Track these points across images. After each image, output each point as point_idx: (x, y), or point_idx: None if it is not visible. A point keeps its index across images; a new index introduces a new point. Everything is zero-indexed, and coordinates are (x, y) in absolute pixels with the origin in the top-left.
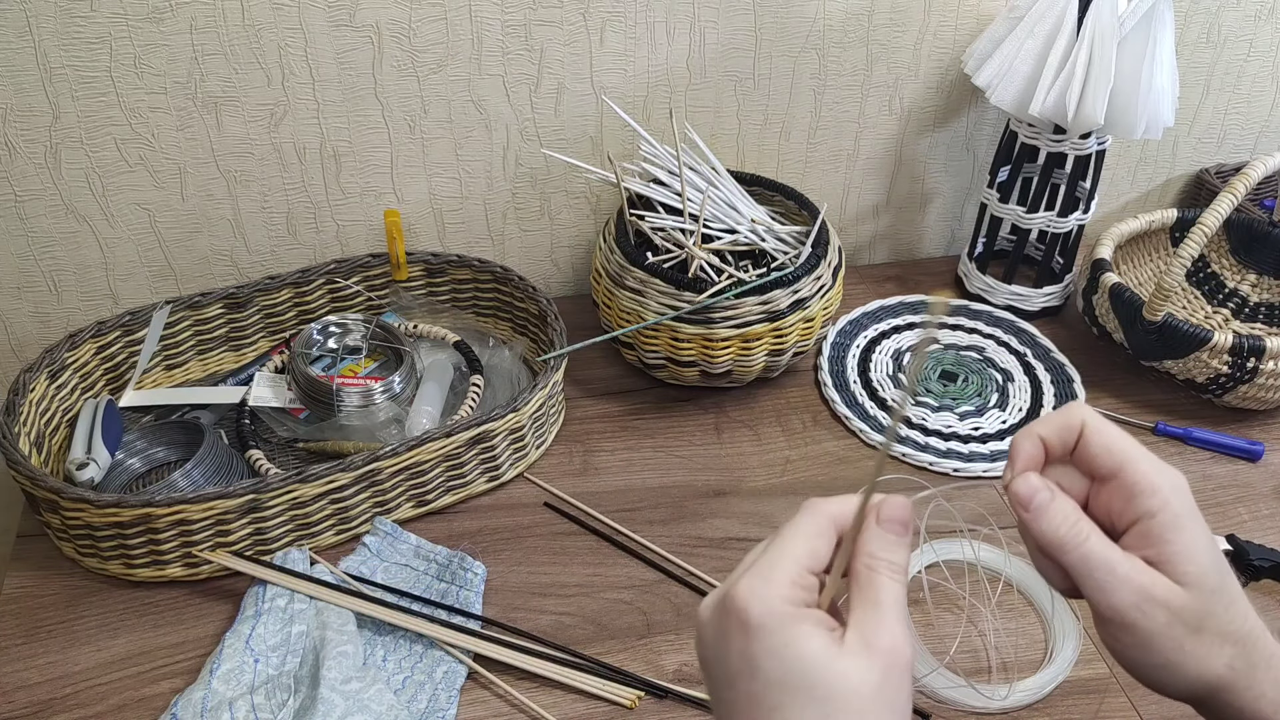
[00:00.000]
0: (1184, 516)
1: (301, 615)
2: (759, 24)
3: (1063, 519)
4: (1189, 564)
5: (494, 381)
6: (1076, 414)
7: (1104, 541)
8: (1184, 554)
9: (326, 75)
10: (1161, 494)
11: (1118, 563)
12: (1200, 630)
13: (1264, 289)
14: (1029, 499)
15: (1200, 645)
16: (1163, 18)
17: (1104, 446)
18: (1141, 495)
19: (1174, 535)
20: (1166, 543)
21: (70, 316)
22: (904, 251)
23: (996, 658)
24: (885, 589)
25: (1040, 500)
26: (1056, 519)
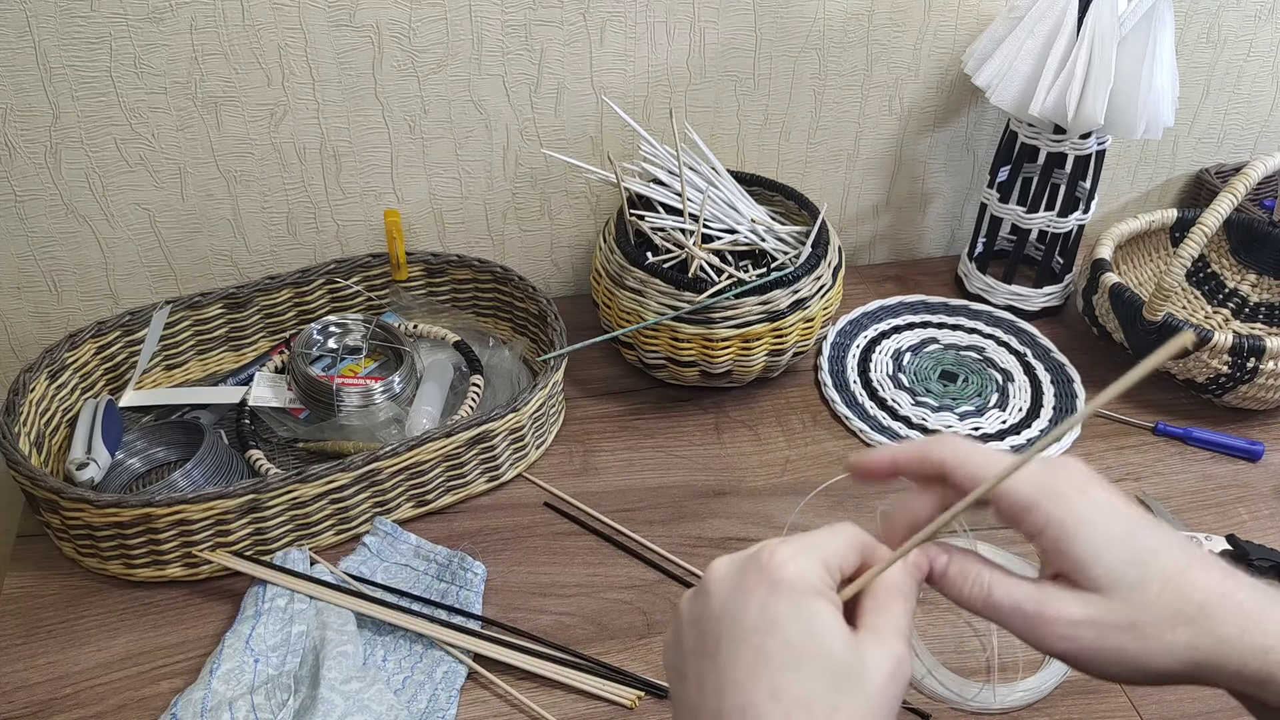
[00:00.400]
0: (1070, 522)
1: (301, 615)
2: (759, 24)
3: (961, 577)
4: (1094, 569)
5: (494, 381)
6: (935, 451)
7: (1008, 585)
8: (1085, 560)
9: (326, 75)
10: (1039, 508)
11: (1024, 600)
12: (1138, 627)
13: (1264, 289)
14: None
15: (1145, 640)
16: (1163, 18)
17: (966, 479)
18: (1022, 515)
19: (1067, 545)
20: (1063, 555)
21: (70, 316)
22: (904, 251)
23: (996, 658)
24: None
25: (940, 564)
26: (957, 580)
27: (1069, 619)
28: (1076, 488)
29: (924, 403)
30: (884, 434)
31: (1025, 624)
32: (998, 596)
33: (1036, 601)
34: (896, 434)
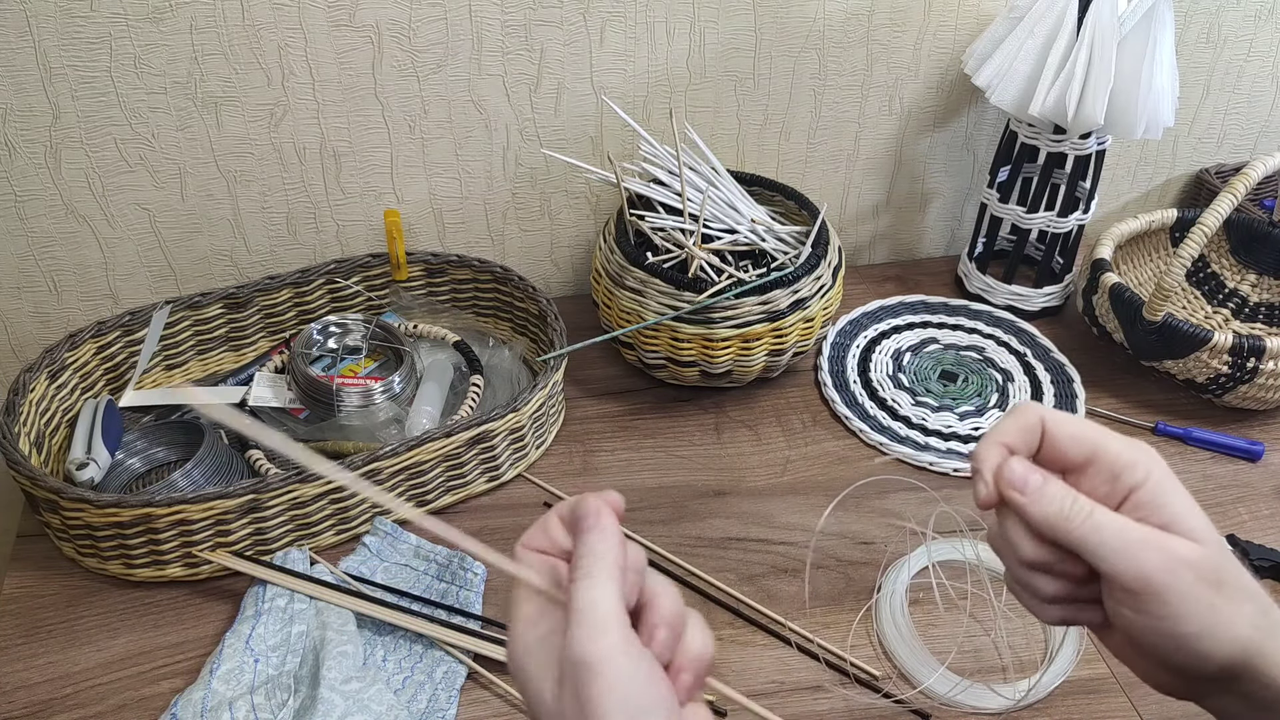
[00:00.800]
0: (1170, 479)
1: (301, 615)
2: (759, 24)
3: (1063, 496)
4: (1193, 519)
5: (494, 381)
6: (1033, 413)
7: (1110, 511)
8: (1185, 513)
9: (326, 75)
10: (1143, 464)
11: (1133, 528)
12: (1222, 585)
13: (1264, 289)
14: (1024, 482)
15: (1228, 603)
16: (1163, 18)
17: (1071, 436)
18: (1125, 470)
19: (1169, 498)
20: (1164, 506)
21: (70, 316)
22: (904, 251)
23: (996, 658)
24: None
25: (1035, 482)
26: (1057, 497)
27: (1178, 554)
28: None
29: (924, 403)
30: (884, 434)
31: (1128, 549)
32: (1102, 518)
33: (1146, 531)
34: (896, 434)
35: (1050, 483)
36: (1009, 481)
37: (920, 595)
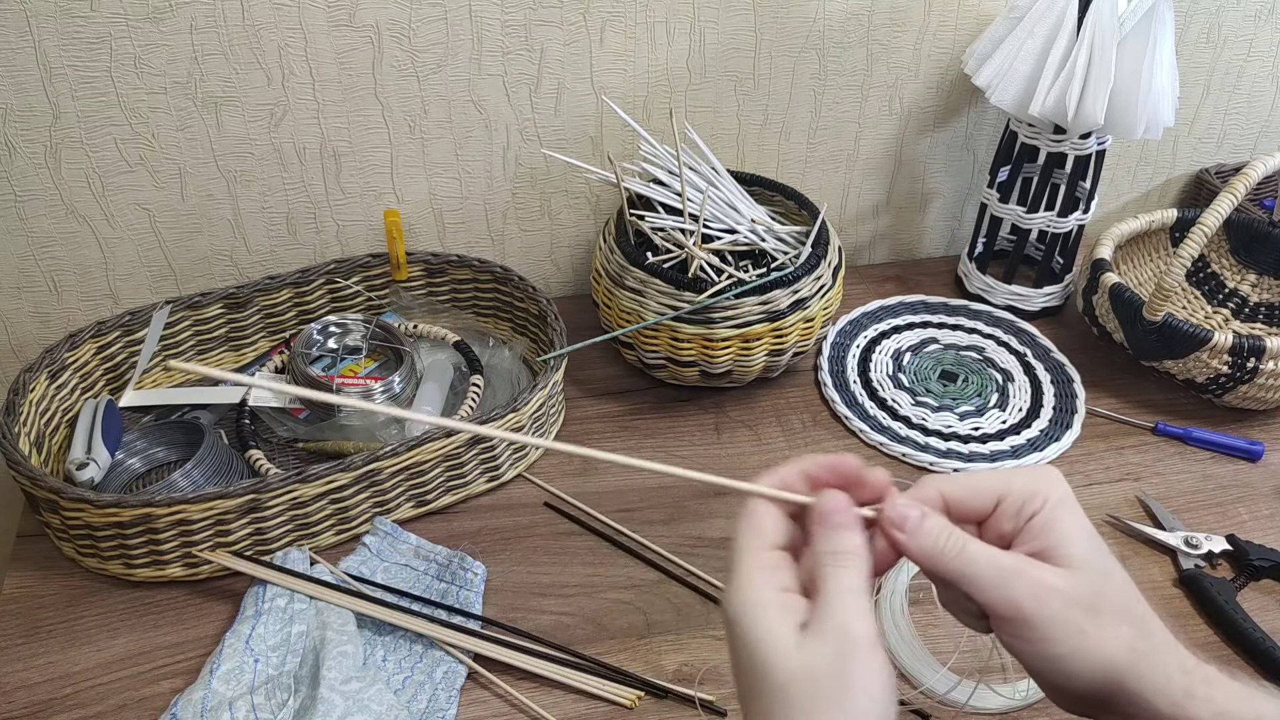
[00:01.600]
0: (1061, 506)
1: (301, 615)
2: (759, 24)
3: (938, 531)
4: (1072, 547)
5: (494, 381)
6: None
7: (983, 544)
8: (1066, 539)
9: (326, 75)
10: (1041, 493)
11: (1004, 558)
12: (1097, 611)
13: (1264, 289)
14: (902, 519)
15: (1101, 626)
16: (1163, 18)
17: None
18: (1026, 502)
19: (1054, 525)
20: (1048, 533)
21: (70, 316)
22: (904, 251)
23: (997, 658)
24: (830, 578)
25: (913, 518)
26: (932, 533)
27: (1047, 582)
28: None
29: (924, 403)
30: (884, 434)
31: (998, 578)
32: (974, 550)
33: (1017, 559)
34: (896, 434)
35: (928, 519)
36: (888, 520)
37: (920, 595)
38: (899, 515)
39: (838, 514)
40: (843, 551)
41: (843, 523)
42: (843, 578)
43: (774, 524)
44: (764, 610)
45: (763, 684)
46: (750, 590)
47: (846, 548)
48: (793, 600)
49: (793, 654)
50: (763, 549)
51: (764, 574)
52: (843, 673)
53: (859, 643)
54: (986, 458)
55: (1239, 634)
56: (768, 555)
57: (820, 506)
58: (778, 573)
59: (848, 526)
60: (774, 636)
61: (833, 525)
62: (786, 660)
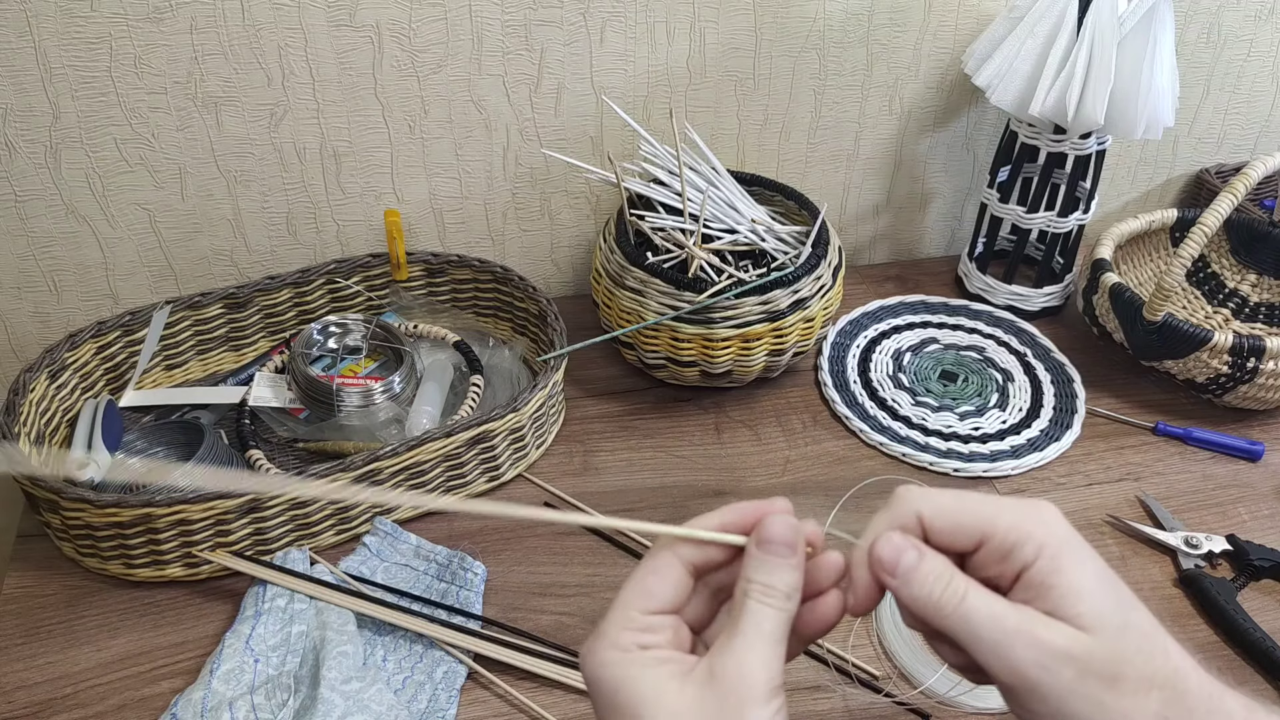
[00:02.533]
0: (1064, 555)
1: (301, 615)
2: (759, 24)
3: (935, 578)
4: (1081, 604)
5: (494, 381)
6: (909, 506)
7: (986, 596)
8: (1073, 595)
9: (326, 75)
10: (1035, 540)
11: (1005, 616)
12: (1117, 680)
13: (1264, 289)
14: (894, 562)
15: (1122, 698)
16: (1163, 18)
17: (954, 525)
18: (1014, 549)
19: (1057, 578)
20: (1051, 587)
21: (70, 316)
22: (904, 251)
23: None
24: (749, 612)
25: (907, 562)
26: (929, 579)
27: (1055, 648)
28: (1063, 526)
29: (924, 403)
30: (884, 434)
31: (1001, 638)
32: (973, 604)
33: (1021, 618)
34: (896, 434)
35: (924, 562)
36: (879, 563)
37: None
38: (891, 555)
39: (783, 544)
40: (774, 588)
41: (785, 555)
42: (763, 617)
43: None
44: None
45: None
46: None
47: (779, 585)
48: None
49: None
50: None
51: (632, 633)
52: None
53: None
54: (986, 458)
55: (1239, 634)
56: (643, 618)
57: (766, 529)
58: (651, 634)
59: (790, 563)
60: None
61: (772, 553)
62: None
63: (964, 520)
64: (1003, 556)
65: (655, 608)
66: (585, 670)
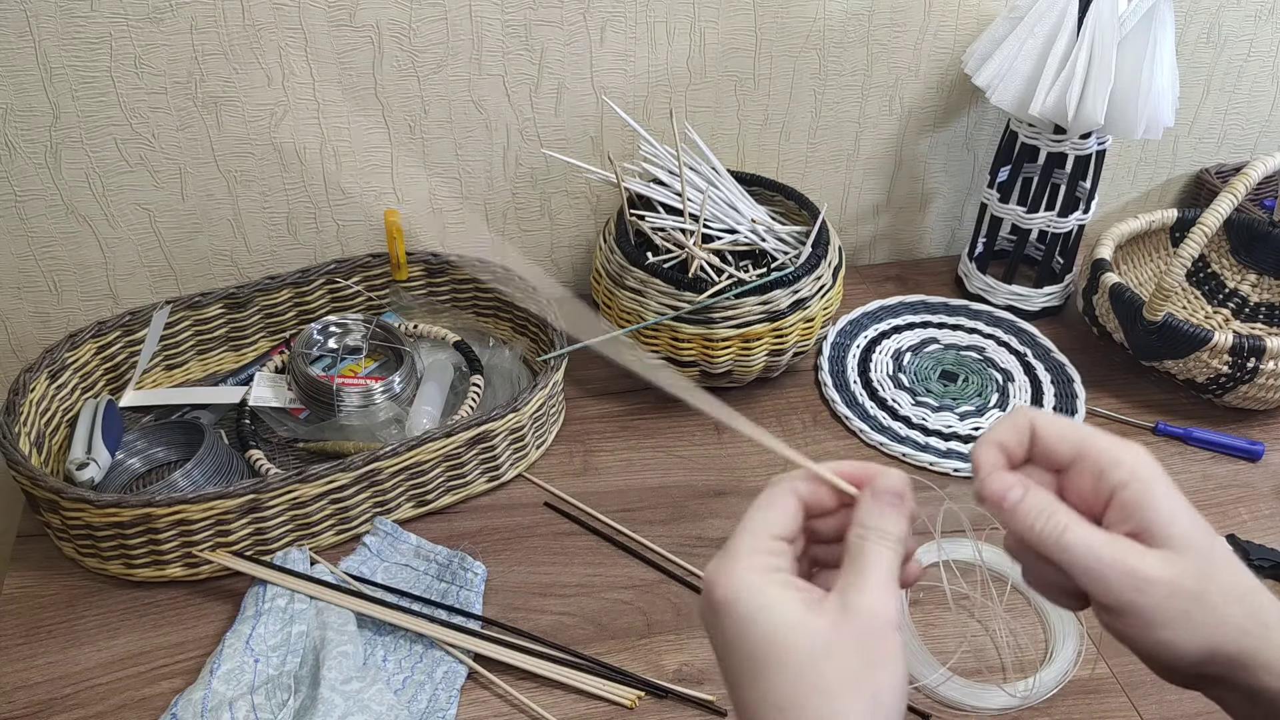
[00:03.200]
0: (1154, 481)
1: (301, 615)
2: (759, 24)
3: (1037, 513)
4: (1173, 526)
5: (494, 381)
6: (1023, 415)
7: (1084, 528)
8: (1165, 518)
9: (326, 75)
10: (1126, 464)
11: (1101, 546)
12: (1203, 595)
13: (1264, 289)
14: (1002, 496)
15: (1208, 610)
16: (1163, 18)
17: (1058, 436)
18: (1107, 470)
19: (1150, 500)
20: (1144, 508)
21: (70, 316)
22: (904, 251)
23: (997, 658)
24: (870, 554)
25: (1014, 496)
26: (1031, 513)
27: (1147, 572)
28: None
29: (924, 403)
30: (884, 434)
31: (1098, 567)
32: (1072, 537)
33: (1116, 549)
34: (896, 434)
35: (1028, 496)
36: (988, 495)
37: (920, 595)
38: (999, 490)
39: (898, 494)
40: (890, 532)
41: (898, 505)
42: (882, 558)
43: (785, 516)
44: (770, 587)
45: (772, 664)
46: (749, 571)
47: (894, 530)
48: (797, 581)
49: (811, 631)
50: (767, 534)
51: (764, 556)
52: (870, 654)
53: (888, 625)
54: None
55: None
56: (770, 541)
57: (883, 480)
58: (778, 558)
59: (902, 511)
60: (786, 613)
61: (887, 503)
62: (805, 638)
63: (1066, 434)
64: (1098, 473)
65: (779, 533)
66: (719, 591)
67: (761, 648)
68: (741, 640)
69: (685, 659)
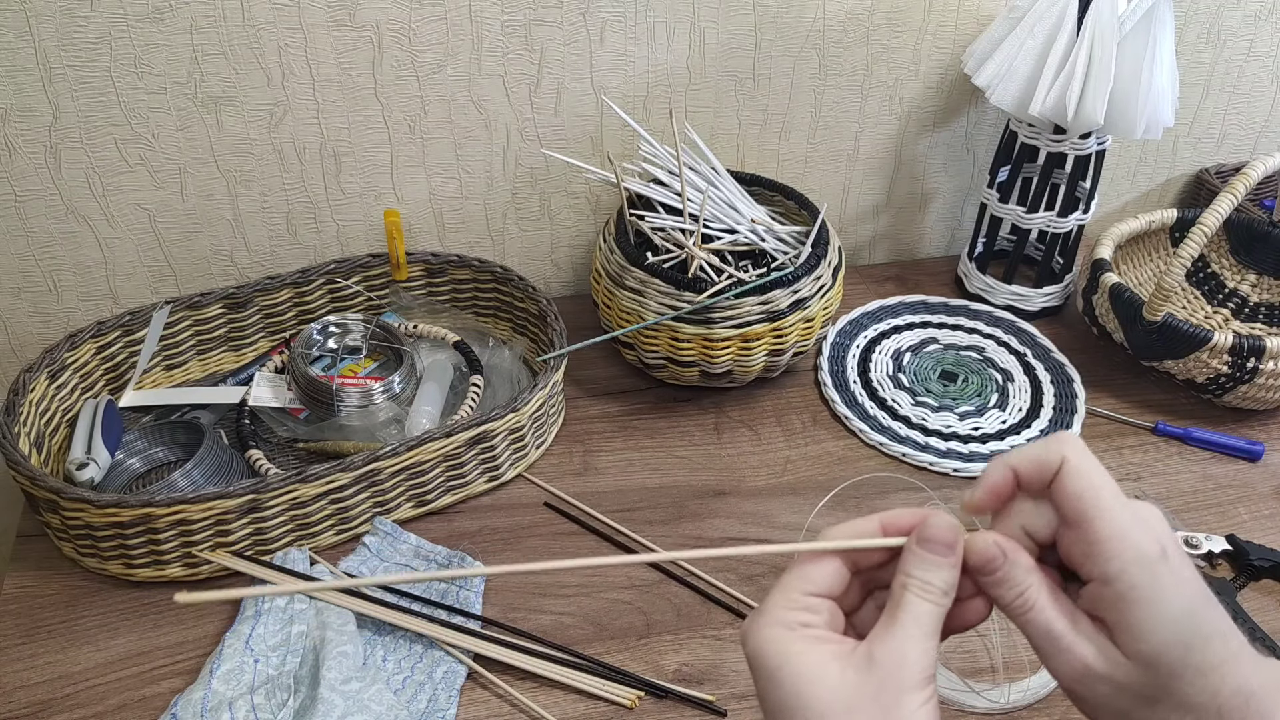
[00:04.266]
0: (1142, 588)
1: (301, 615)
2: (759, 24)
3: (1009, 587)
4: (1141, 643)
5: (494, 381)
6: (1057, 450)
7: (1050, 611)
8: (1136, 630)
9: (326, 75)
10: (1119, 560)
11: (1060, 635)
12: (1153, 701)
13: (1264, 289)
14: (984, 566)
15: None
16: (1163, 18)
17: (1074, 493)
18: (1099, 558)
19: (1127, 609)
20: (1119, 614)
21: (70, 316)
22: (904, 251)
23: (996, 658)
24: (907, 604)
25: (995, 567)
26: (1004, 584)
27: (1095, 672)
28: (1159, 551)
29: (924, 403)
30: (884, 434)
31: (1052, 651)
32: (1034, 619)
33: (1073, 642)
34: (896, 434)
35: (1008, 567)
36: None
37: None
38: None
39: (943, 544)
40: (932, 585)
41: (944, 555)
42: (921, 611)
43: (822, 574)
44: (796, 642)
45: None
46: (774, 626)
47: (937, 582)
48: (826, 634)
49: (832, 685)
50: (799, 591)
51: (794, 612)
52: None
53: (913, 678)
54: (987, 458)
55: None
56: (803, 598)
57: (928, 529)
58: (811, 614)
59: (949, 562)
60: (807, 666)
61: (934, 551)
62: (824, 691)
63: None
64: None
65: (814, 591)
66: (748, 645)
67: (785, 701)
68: (769, 693)
69: (685, 659)
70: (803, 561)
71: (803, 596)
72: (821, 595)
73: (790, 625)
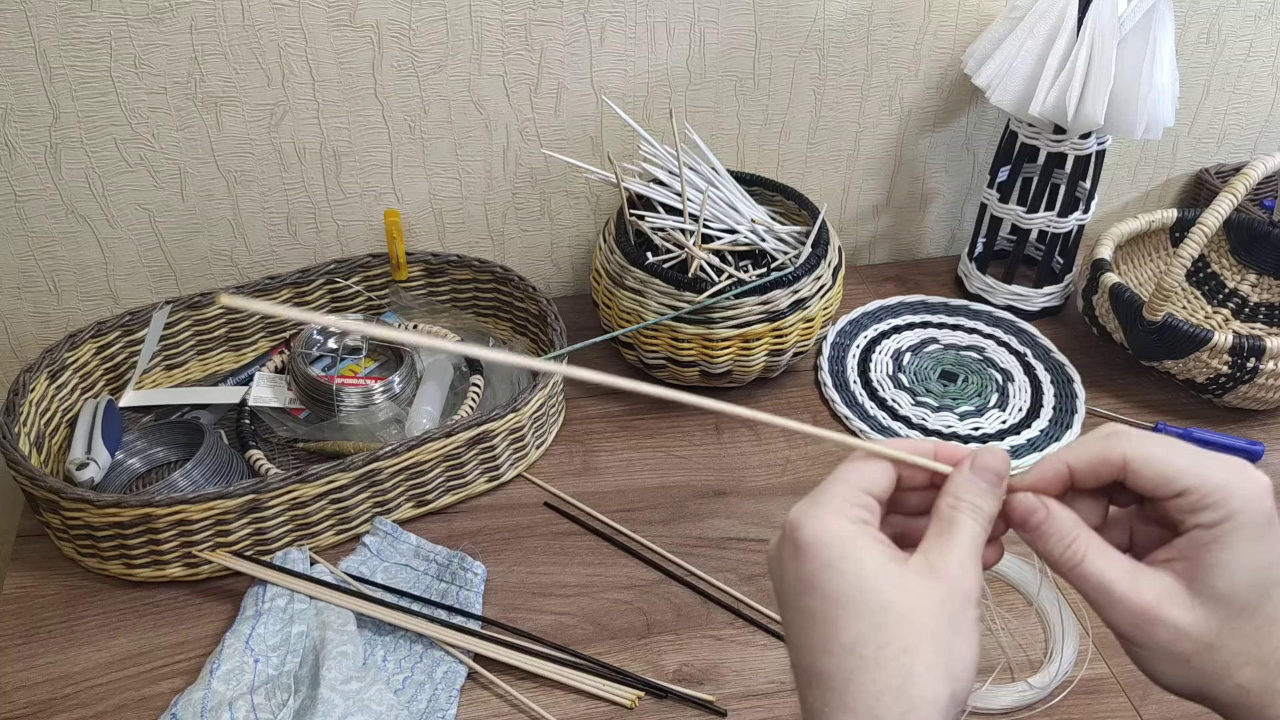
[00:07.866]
0: (1242, 531)
1: (301, 615)
2: (759, 24)
3: (1057, 539)
4: (1219, 580)
5: (494, 381)
6: (1117, 448)
7: (1101, 559)
8: (1218, 570)
9: (326, 75)
10: (1225, 508)
11: (1114, 583)
12: (1214, 649)
13: (1264, 289)
14: (1023, 520)
15: (1214, 664)
16: (1163, 18)
17: (1161, 478)
18: (1208, 509)
19: (1219, 549)
20: (1207, 553)
21: (70, 316)
22: (904, 251)
23: (997, 658)
24: (961, 525)
25: (1035, 519)
26: (1051, 538)
27: (1158, 616)
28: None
29: (924, 403)
30: (884, 434)
31: (1106, 602)
32: (1087, 569)
33: (1130, 588)
34: (897, 434)
35: (1049, 520)
36: (1015, 516)
37: None
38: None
39: (995, 472)
40: (982, 509)
41: (994, 483)
42: (973, 528)
43: (879, 474)
44: (859, 536)
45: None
46: (838, 517)
47: (987, 507)
48: (883, 537)
49: (896, 583)
50: (859, 488)
51: (855, 507)
52: (951, 618)
53: (969, 596)
54: None
55: None
56: (862, 495)
57: (982, 458)
58: (868, 512)
59: (998, 490)
60: (873, 560)
61: (985, 479)
62: (889, 586)
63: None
64: (1193, 510)
65: (871, 490)
66: (805, 530)
67: (844, 590)
68: (822, 579)
69: (685, 659)
70: (859, 461)
71: (863, 494)
72: (875, 496)
73: (853, 519)
